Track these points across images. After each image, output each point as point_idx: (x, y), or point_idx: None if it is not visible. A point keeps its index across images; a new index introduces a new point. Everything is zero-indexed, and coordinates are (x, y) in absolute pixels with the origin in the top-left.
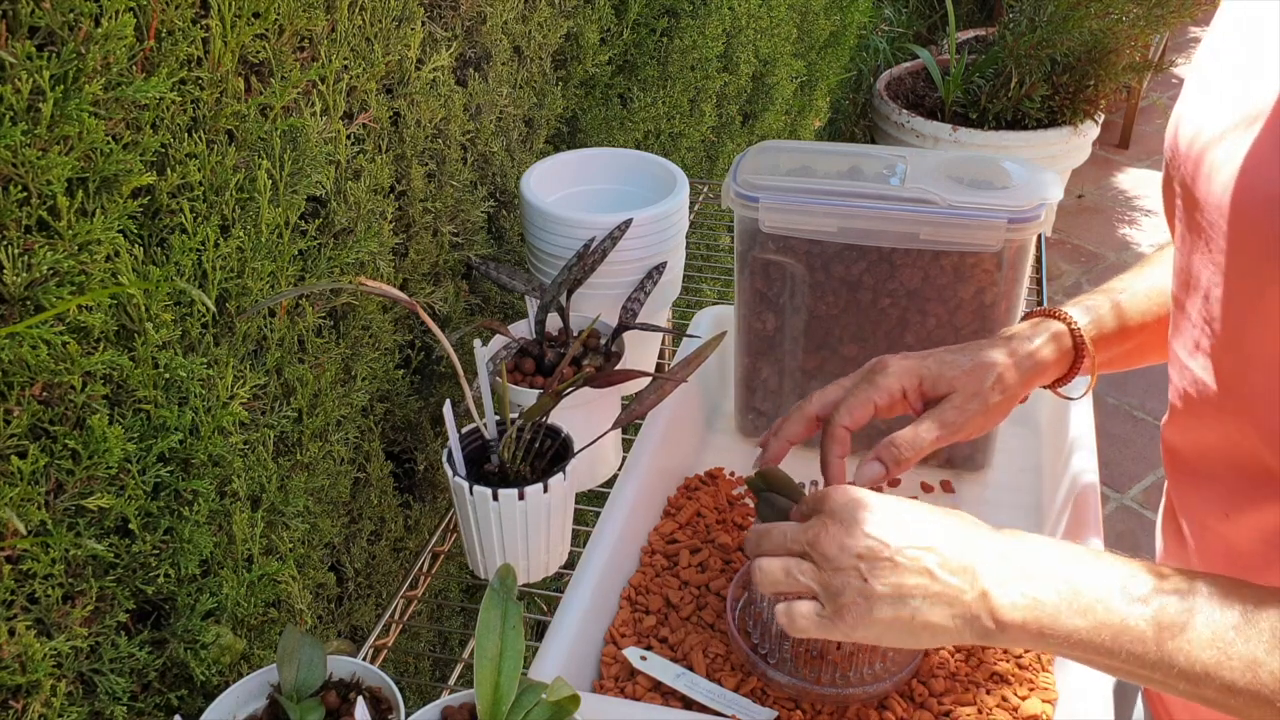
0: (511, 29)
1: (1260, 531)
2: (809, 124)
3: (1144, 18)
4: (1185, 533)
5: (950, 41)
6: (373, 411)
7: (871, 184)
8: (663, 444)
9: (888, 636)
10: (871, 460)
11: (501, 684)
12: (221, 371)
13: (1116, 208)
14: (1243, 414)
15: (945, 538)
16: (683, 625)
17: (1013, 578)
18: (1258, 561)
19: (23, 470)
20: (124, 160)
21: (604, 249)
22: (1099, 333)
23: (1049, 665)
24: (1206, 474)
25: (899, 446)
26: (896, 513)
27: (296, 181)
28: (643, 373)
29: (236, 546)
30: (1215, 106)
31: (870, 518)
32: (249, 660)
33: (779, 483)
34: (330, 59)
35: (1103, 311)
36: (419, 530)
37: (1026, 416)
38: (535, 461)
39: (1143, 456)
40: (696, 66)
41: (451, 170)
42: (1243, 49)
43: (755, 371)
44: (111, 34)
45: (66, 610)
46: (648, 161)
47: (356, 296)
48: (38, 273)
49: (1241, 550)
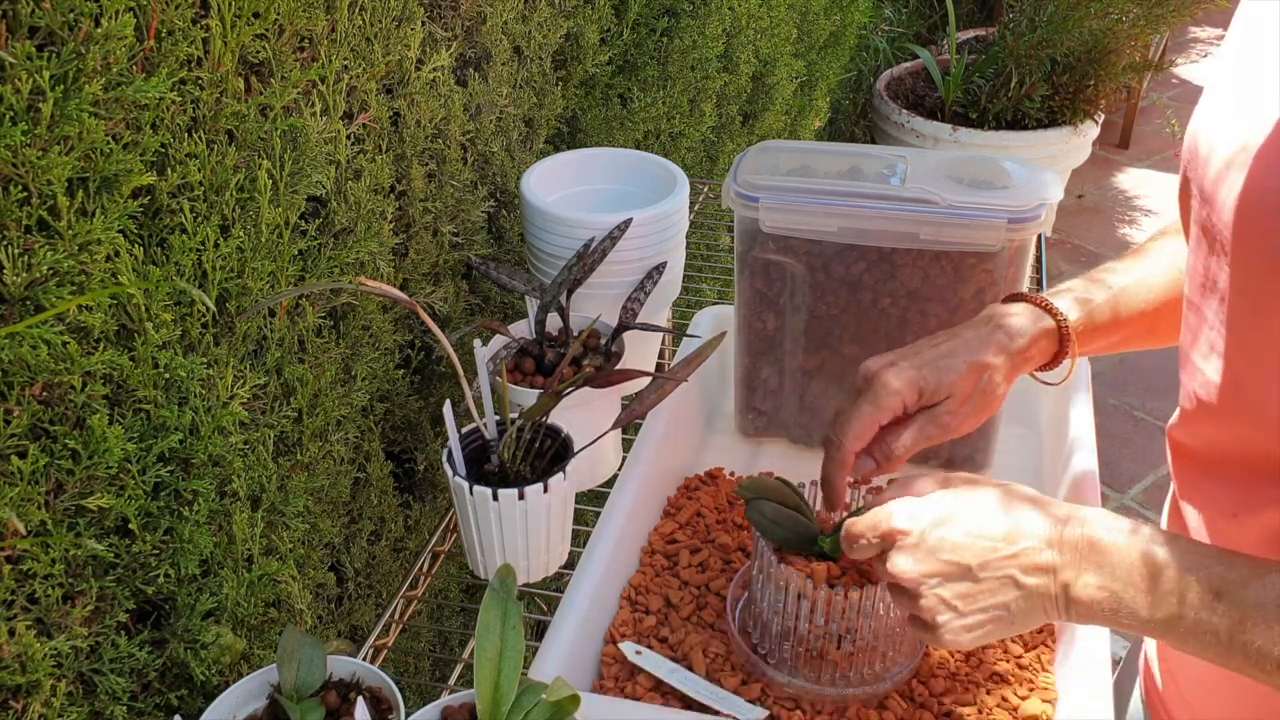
0: (511, 29)
1: (1268, 532)
2: (809, 124)
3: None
4: (1191, 533)
5: (950, 41)
6: (373, 411)
7: (871, 184)
8: (663, 444)
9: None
10: (863, 456)
11: (501, 684)
12: (221, 371)
13: (1116, 208)
14: (1257, 415)
15: (1019, 534)
16: (683, 625)
17: (1087, 569)
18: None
19: (23, 470)
20: (124, 160)
21: (604, 249)
22: (1089, 325)
23: (1049, 665)
24: (1216, 475)
25: (892, 445)
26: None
27: (296, 181)
28: (643, 373)
29: (236, 546)
30: (1231, 111)
31: (941, 540)
32: (249, 660)
33: (769, 489)
34: (330, 59)
35: (1094, 305)
36: (419, 530)
37: (1026, 416)
38: (535, 461)
39: (1143, 456)
40: (696, 66)
41: (451, 170)
42: (1259, 53)
43: (755, 371)
44: (111, 34)
45: (66, 610)
46: (648, 161)
47: (356, 296)
48: (38, 273)
49: (1248, 550)
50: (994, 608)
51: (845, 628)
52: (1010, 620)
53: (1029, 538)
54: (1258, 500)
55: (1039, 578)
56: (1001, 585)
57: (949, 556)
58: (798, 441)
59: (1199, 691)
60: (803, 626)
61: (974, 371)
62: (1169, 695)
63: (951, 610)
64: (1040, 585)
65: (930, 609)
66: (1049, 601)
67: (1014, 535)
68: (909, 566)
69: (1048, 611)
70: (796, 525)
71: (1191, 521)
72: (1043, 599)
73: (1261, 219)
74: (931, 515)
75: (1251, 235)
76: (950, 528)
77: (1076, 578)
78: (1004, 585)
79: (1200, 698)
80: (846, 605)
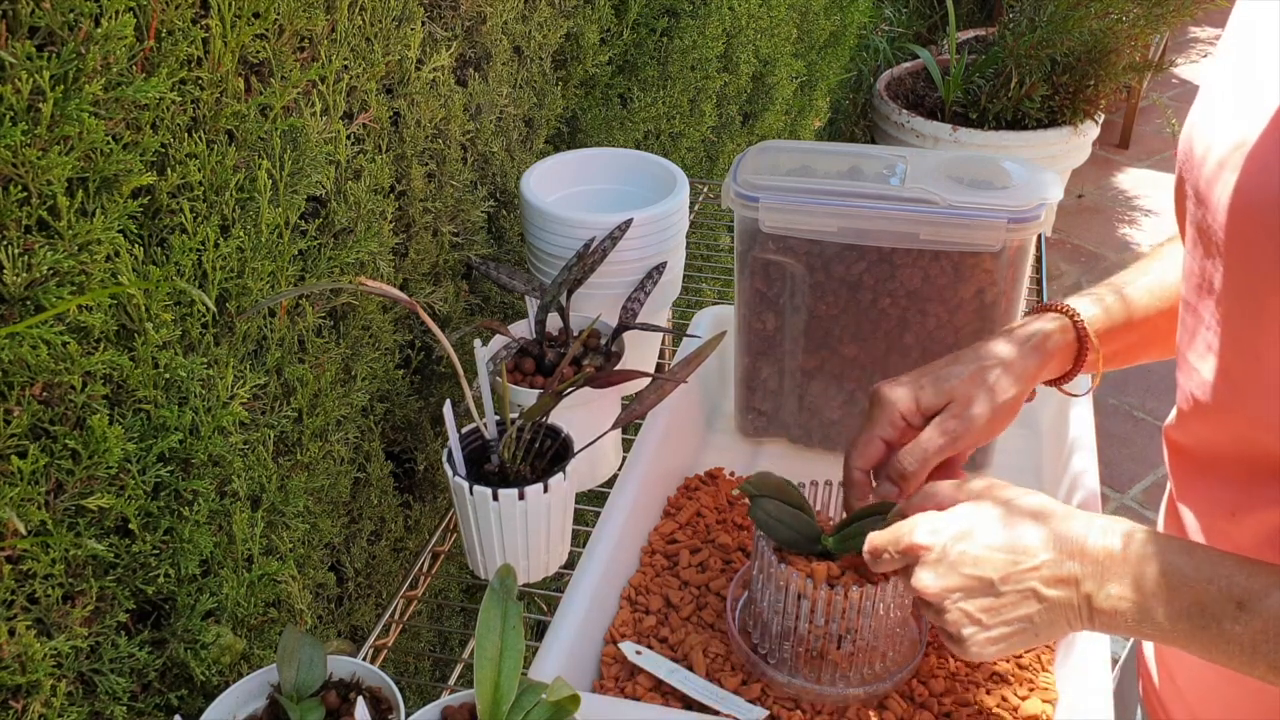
0: (511, 29)
1: (1266, 531)
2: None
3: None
4: (1189, 532)
5: (950, 41)
6: (373, 411)
7: (871, 184)
8: (663, 444)
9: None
10: (883, 480)
11: (501, 684)
12: (221, 371)
13: (1116, 208)
14: (1253, 415)
15: (1040, 547)
16: (683, 625)
17: (1110, 580)
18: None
19: (23, 470)
20: (124, 160)
21: (604, 249)
22: (1108, 325)
23: (1049, 665)
24: (1214, 475)
25: (901, 460)
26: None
27: (296, 181)
28: (643, 373)
29: (236, 546)
30: (1227, 111)
31: (963, 555)
32: (249, 660)
33: (773, 486)
34: (330, 59)
35: (1109, 303)
36: (419, 530)
37: (1026, 417)
38: (535, 461)
39: (1143, 456)
40: (696, 66)
41: (451, 170)
42: (1253, 54)
43: (755, 371)
44: (111, 34)
45: (66, 610)
46: (648, 161)
47: (356, 296)
48: (38, 273)
49: (1246, 549)
50: (1017, 620)
51: (845, 628)
52: (1035, 632)
53: (1050, 550)
54: (1255, 500)
55: (1061, 590)
56: (1024, 598)
57: (971, 571)
58: (797, 441)
59: (1198, 691)
60: (803, 626)
61: (977, 374)
62: (1167, 694)
63: (976, 624)
64: (1063, 597)
65: (955, 623)
66: (1072, 613)
67: (1035, 548)
68: (932, 582)
69: (1071, 622)
70: (800, 524)
71: (1189, 522)
72: (1065, 610)
73: (1255, 217)
74: (953, 530)
75: (1245, 234)
76: (971, 542)
77: (1099, 589)
78: (1026, 598)
79: (1199, 697)
80: (846, 605)
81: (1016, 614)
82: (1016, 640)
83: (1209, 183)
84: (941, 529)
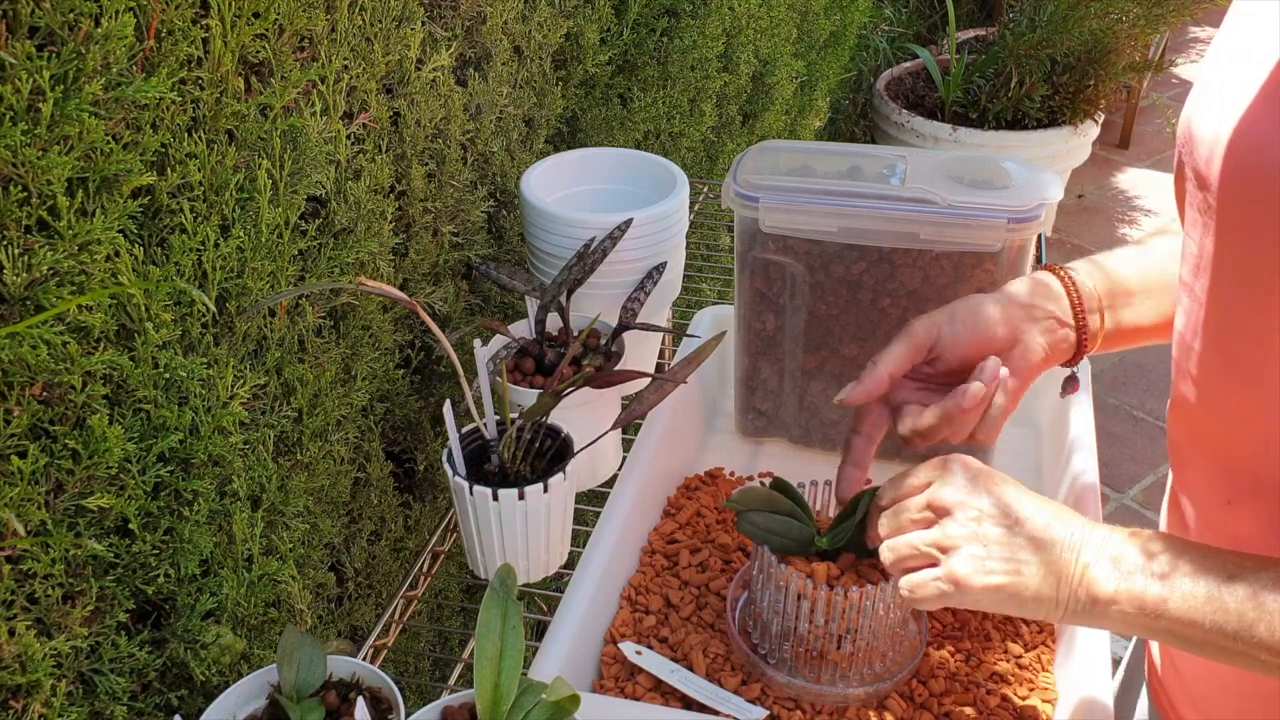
0: (511, 29)
1: (1262, 518)
2: (809, 124)
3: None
4: (1188, 521)
5: (950, 41)
6: (373, 411)
7: (871, 184)
8: (663, 444)
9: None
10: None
11: (501, 684)
12: (221, 371)
13: (1116, 208)
14: (1248, 394)
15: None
16: (683, 625)
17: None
18: (1259, 549)
19: (23, 470)
20: (124, 160)
21: (604, 249)
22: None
23: (1049, 665)
24: (1209, 460)
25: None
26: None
27: (296, 181)
28: (643, 373)
29: (236, 546)
30: (1225, 91)
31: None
32: (249, 660)
33: (757, 499)
34: (330, 59)
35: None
36: (419, 530)
37: (1026, 416)
38: (535, 461)
39: (1143, 456)
40: (696, 66)
41: (451, 170)
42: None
43: (755, 371)
44: (111, 34)
45: (66, 610)
46: (648, 161)
47: (356, 296)
48: (38, 273)
49: (1243, 537)
50: (1015, 562)
51: (845, 628)
52: (1022, 585)
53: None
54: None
55: (1066, 553)
56: (1032, 544)
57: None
58: (797, 441)
59: (1206, 691)
60: (803, 627)
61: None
62: (1175, 693)
63: (979, 544)
64: (1063, 561)
65: (957, 536)
66: (1063, 582)
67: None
68: (955, 491)
69: (1059, 592)
70: (790, 530)
71: (1188, 512)
72: (1059, 575)
73: (1252, 190)
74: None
75: (1243, 207)
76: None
77: (1096, 560)
78: (1034, 545)
79: (1208, 697)
80: (846, 605)
81: (1019, 555)
82: (1002, 582)
83: (1207, 160)
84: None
